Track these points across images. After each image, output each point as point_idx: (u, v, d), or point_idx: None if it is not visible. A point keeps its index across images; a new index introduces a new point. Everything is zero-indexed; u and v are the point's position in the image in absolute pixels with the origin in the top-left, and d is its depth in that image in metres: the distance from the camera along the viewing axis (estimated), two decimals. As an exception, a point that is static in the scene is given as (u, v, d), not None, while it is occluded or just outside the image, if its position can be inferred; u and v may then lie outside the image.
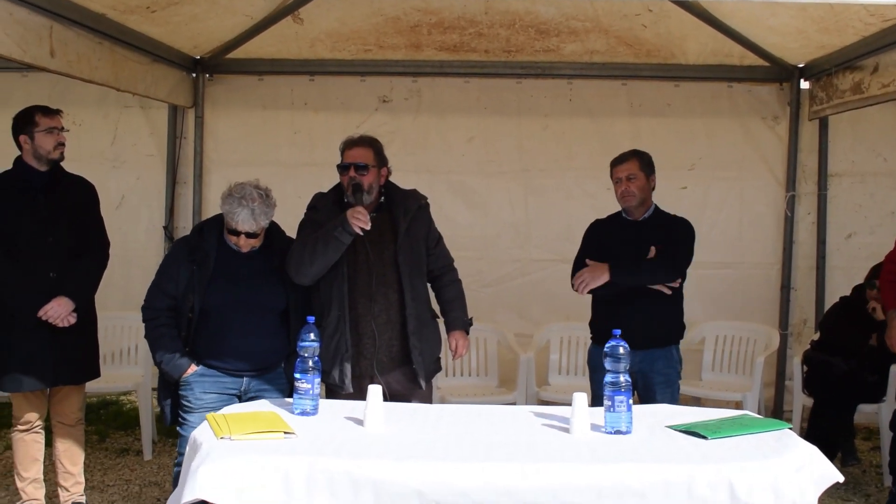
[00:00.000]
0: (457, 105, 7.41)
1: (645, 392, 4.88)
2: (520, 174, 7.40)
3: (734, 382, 6.70)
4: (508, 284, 7.38)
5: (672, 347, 4.98)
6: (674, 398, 4.89)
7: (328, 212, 4.49)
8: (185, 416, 4.45)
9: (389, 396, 4.32)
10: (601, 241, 5.08)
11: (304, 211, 4.63)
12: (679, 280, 4.92)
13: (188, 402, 4.43)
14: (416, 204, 4.62)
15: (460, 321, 4.78)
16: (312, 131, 7.38)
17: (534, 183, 7.39)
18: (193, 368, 4.41)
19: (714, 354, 6.94)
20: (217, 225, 4.52)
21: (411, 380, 4.54)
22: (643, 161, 4.98)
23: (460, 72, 7.31)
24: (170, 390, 4.50)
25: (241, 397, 4.47)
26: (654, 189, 5.03)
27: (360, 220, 4.26)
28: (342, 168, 4.49)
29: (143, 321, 4.52)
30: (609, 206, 5.21)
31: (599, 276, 4.84)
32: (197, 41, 6.91)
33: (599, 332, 5.04)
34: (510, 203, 7.43)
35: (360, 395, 4.08)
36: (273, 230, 4.58)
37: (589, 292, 4.96)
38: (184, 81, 7.22)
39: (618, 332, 3.62)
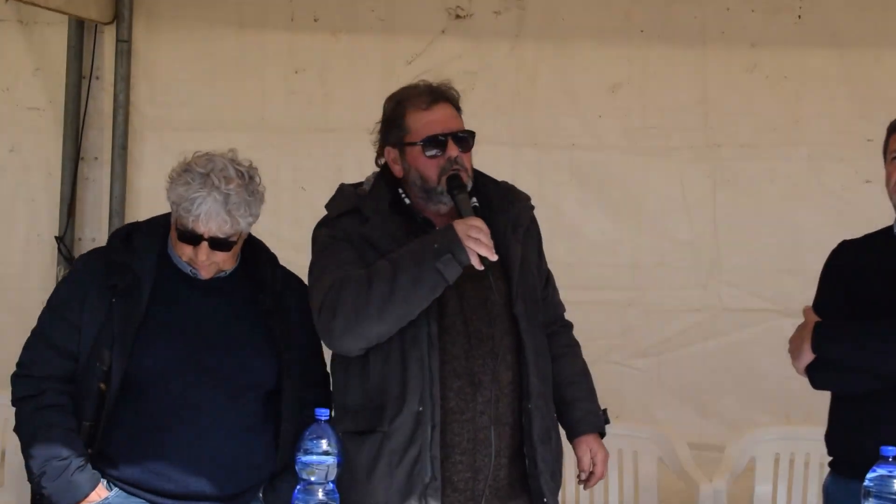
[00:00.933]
0: (589, 25, 7.46)
1: None
2: (704, 152, 7.42)
3: None
4: (680, 354, 7.40)
5: None
6: None
7: (384, 223, 4.44)
8: None
9: None
10: (852, 278, 4.98)
11: (322, 218, 4.56)
12: None
13: None
14: (527, 211, 4.62)
15: (593, 418, 4.76)
16: (327, 71, 7.49)
17: (729, 168, 7.41)
18: (102, 492, 4.35)
19: None
20: (158, 232, 4.48)
21: None
22: None
23: (596, -32, 7.37)
24: None
25: None
26: None
27: (482, 244, 4.16)
28: (432, 143, 4.41)
29: (14, 401, 4.45)
30: (869, 212, 5.13)
31: (799, 346, 4.77)
32: None
33: (842, 452, 4.88)
34: (685, 203, 7.45)
35: None
36: (256, 246, 4.59)
37: (817, 385, 4.90)
38: (98, -22, 7.36)
39: (891, 451, 3.54)
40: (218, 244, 4.26)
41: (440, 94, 4.42)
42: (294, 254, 4.55)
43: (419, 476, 4.25)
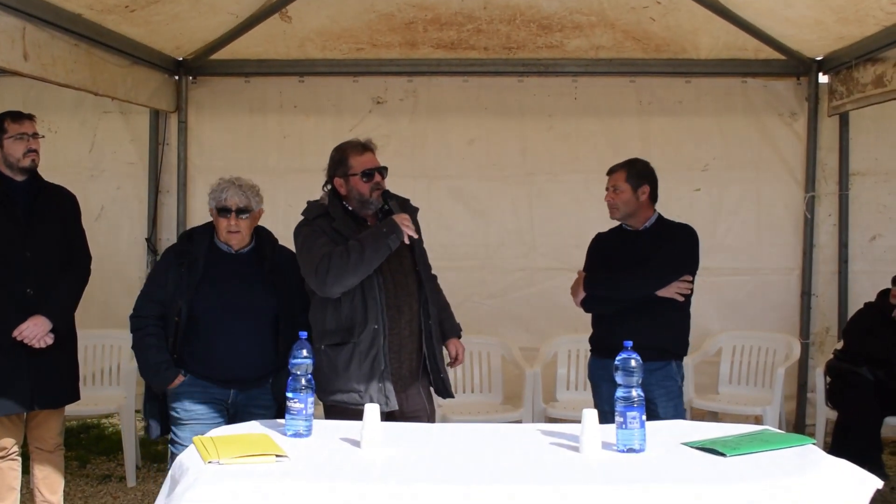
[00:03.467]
0: (455, 106, 7.41)
1: (647, 405, 4.89)
2: (523, 178, 7.39)
3: (753, 395, 6.70)
4: (513, 295, 7.36)
5: (671, 363, 5.00)
6: (678, 412, 4.94)
7: (345, 221, 4.47)
8: (175, 431, 4.53)
9: (408, 413, 4.48)
10: (604, 254, 5.17)
11: (302, 219, 4.56)
12: (689, 287, 4.94)
13: (177, 414, 4.50)
14: (414, 210, 4.66)
15: (457, 328, 4.90)
16: (303, 136, 7.39)
17: (539, 187, 7.38)
18: (181, 378, 4.47)
19: (731, 366, 6.94)
20: (207, 231, 4.64)
21: (427, 395, 4.67)
22: (630, 172, 5.00)
23: (459, 70, 7.31)
24: (157, 403, 4.59)
25: (229, 410, 4.54)
26: (648, 198, 5.00)
27: (410, 228, 4.37)
28: (367, 174, 4.48)
29: (131, 331, 4.59)
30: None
31: (576, 290, 5.01)
32: (179, 42, 6.91)
33: (598, 344, 5.14)
34: (514, 209, 7.42)
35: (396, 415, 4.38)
36: (263, 234, 4.69)
37: (587, 310, 5.06)
38: (166, 84, 7.21)
39: (629, 343, 3.61)
40: (241, 212, 4.47)
41: (367, 145, 4.56)
42: (284, 241, 4.58)
43: (377, 367, 4.38)
